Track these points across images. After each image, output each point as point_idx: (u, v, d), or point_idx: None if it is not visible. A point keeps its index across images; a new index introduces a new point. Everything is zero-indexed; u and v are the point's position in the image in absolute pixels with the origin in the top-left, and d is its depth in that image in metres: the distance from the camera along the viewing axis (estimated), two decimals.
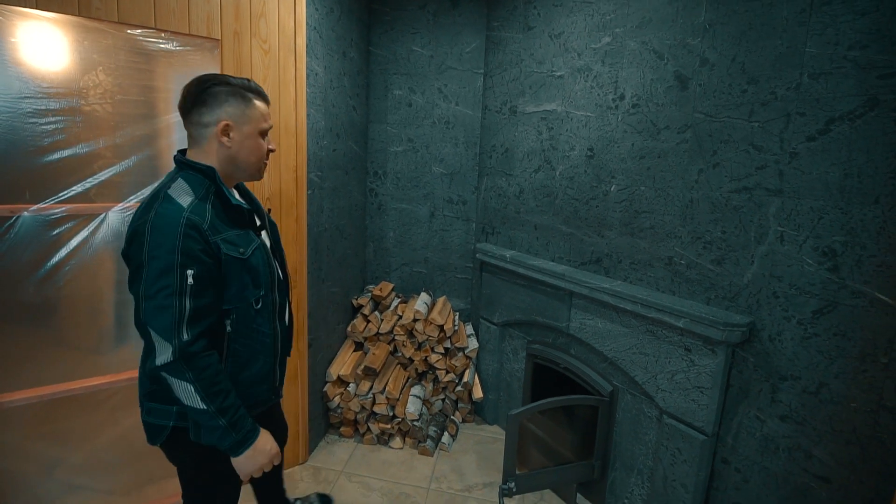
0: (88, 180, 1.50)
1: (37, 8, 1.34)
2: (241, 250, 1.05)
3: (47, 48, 1.40)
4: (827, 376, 1.23)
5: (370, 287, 2.68)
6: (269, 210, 1.44)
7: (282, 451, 1.38)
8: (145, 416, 1.10)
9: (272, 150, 1.15)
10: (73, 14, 1.39)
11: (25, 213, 1.43)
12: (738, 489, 1.46)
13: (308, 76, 1.85)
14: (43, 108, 1.40)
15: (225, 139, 1.05)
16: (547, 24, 2.01)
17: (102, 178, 1.52)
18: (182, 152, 1.09)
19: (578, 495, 1.98)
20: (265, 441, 1.08)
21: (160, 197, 1.00)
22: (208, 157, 1.07)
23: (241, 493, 1.27)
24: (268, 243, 1.19)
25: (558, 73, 1.97)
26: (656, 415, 1.67)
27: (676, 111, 1.54)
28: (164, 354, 0.95)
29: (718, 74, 1.41)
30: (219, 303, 1.03)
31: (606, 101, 1.77)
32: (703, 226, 1.49)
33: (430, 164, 2.54)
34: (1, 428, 1.51)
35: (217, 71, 1.64)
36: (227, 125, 1.04)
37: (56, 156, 1.44)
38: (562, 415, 2.14)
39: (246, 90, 1.06)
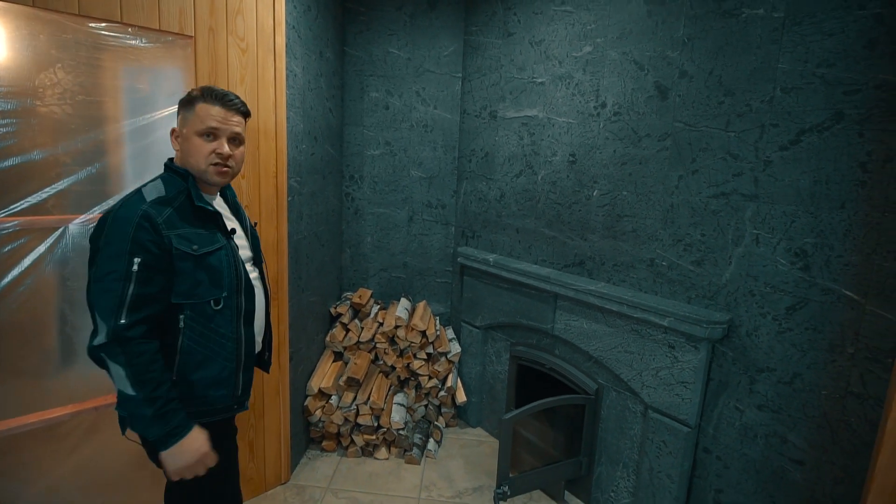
0: (45, 190, 1.35)
1: None
2: (195, 247, 1.07)
3: None
4: (800, 367, 1.34)
5: (348, 294, 2.61)
6: (256, 224, 1.39)
7: (236, 480, 1.34)
8: (117, 407, 1.09)
9: (224, 154, 1.11)
10: (26, 4, 1.25)
11: None
12: (720, 476, 1.55)
13: (287, 77, 1.77)
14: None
15: (174, 143, 1.15)
16: (527, 31, 2.05)
17: (61, 187, 1.37)
18: (171, 159, 1.16)
19: (566, 492, 2.03)
20: (195, 439, 1.06)
21: (134, 191, 1.08)
22: (178, 161, 1.16)
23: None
24: (247, 252, 1.25)
25: (539, 80, 2.00)
26: (641, 410, 1.75)
27: (657, 120, 1.61)
28: (101, 335, 0.98)
29: (697, 86, 1.49)
30: (166, 294, 1.05)
31: (588, 109, 1.83)
32: (683, 229, 1.58)
33: (408, 168, 2.51)
34: None
35: (190, 70, 1.54)
36: (173, 130, 1.15)
37: (7, 163, 1.28)
38: (548, 414, 2.18)
39: (195, 96, 1.11)
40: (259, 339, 1.31)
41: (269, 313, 1.34)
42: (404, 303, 2.53)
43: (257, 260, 1.31)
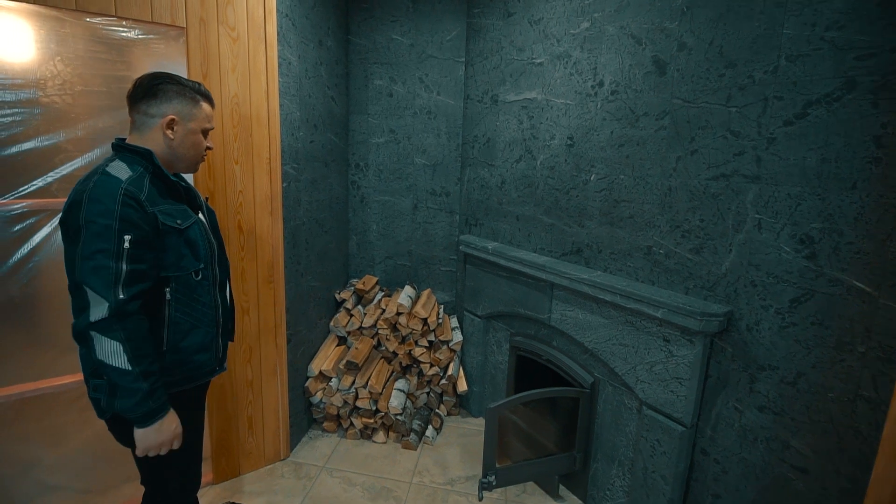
0: (50, 175, 1.46)
1: None
2: (178, 221, 1.12)
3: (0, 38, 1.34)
4: (804, 366, 1.21)
5: (354, 281, 2.65)
6: (207, 198, 1.47)
7: (200, 448, 1.38)
8: (92, 393, 1.13)
9: (209, 149, 1.26)
10: (27, 2, 1.33)
11: None
12: (717, 480, 1.44)
13: (280, 65, 1.80)
14: None
15: (169, 132, 1.15)
16: (526, 10, 1.96)
17: (64, 172, 1.47)
18: (121, 140, 1.15)
19: (561, 486, 1.97)
20: (172, 420, 1.12)
21: (98, 172, 1.06)
22: (147, 143, 1.15)
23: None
24: (206, 224, 1.29)
25: (538, 61, 1.92)
26: (636, 406, 1.66)
27: (655, 97, 1.50)
28: (98, 311, 0.99)
29: (696, 59, 1.38)
30: (155, 270, 1.09)
31: (585, 88, 1.73)
32: (681, 214, 1.47)
33: (412, 156, 2.50)
34: None
35: (182, 60, 1.59)
36: (173, 119, 1.14)
37: (14, 149, 1.39)
38: (544, 406, 2.12)
39: (195, 92, 1.18)
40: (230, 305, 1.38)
41: (230, 284, 1.40)
42: (408, 290, 2.53)
43: (215, 234, 1.35)
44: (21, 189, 1.42)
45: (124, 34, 1.49)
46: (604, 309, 1.69)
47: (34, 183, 1.44)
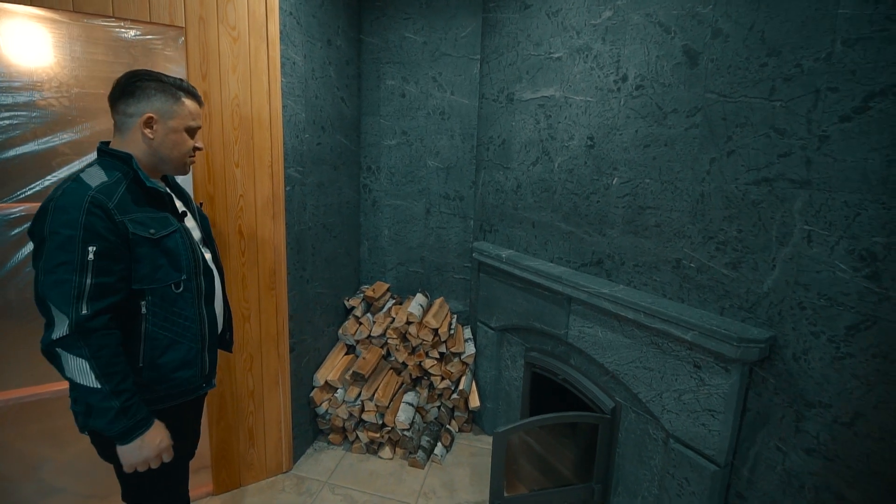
0: (48, 178, 1.44)
1: None
2: (152, 231, 1.05)
3: None
4: (864, 406, 1.02)
5: (364, 287, 2.57)
6: (201, 204, 1.41)
7: (187, 462, 1.32)
8: (72, 406, 1.07)
9: (199, 148, 1.19)
10: (23, 3, 1.31)
11: None
12: None
13: (284, 65, 1.73)
14: None
15: (147, 131, 1.08)
16: (544, 1, 1.82)
17: (62, 175, 1.45)
18: (104, 143, 1.10)
19: None
20: (157, 434, 1.05)
21: (71, 178, 1.01)
22: (128, 145, 1.09)
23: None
24: (197, 234, 1.24)
25: (556, 55, 1.78)
26: (662, 437, 1.48)
27: (685, 92, 1.33)
28: (60, 328, 0.94)
29: (733, 47, 1.20)
30: (125, 283, 1.02)
31: (608, 84, 1.58)
32: (715, 224, 1.29)
33: (424, 158, 2.39)
34: None
35: (182, 61, 1.55)
36: (151, 118, 1.08)
37: (12, 153, 1.37)
38: (562, 428, 1.96)
39: (176, 88, 1.11)
40: (220, 319, 1.31)
41: (225, 293, 1.35)
42: (420, 298, 2.42)
43: (209, 241, 1.30)
44: (19, 192, 1.40)
45: (122, 35, 1.46)
46: (626, 327, 1.53)
47: (32, 186, 1.42)
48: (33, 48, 1.36)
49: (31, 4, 1.32)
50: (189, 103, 1.13)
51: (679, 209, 1.39)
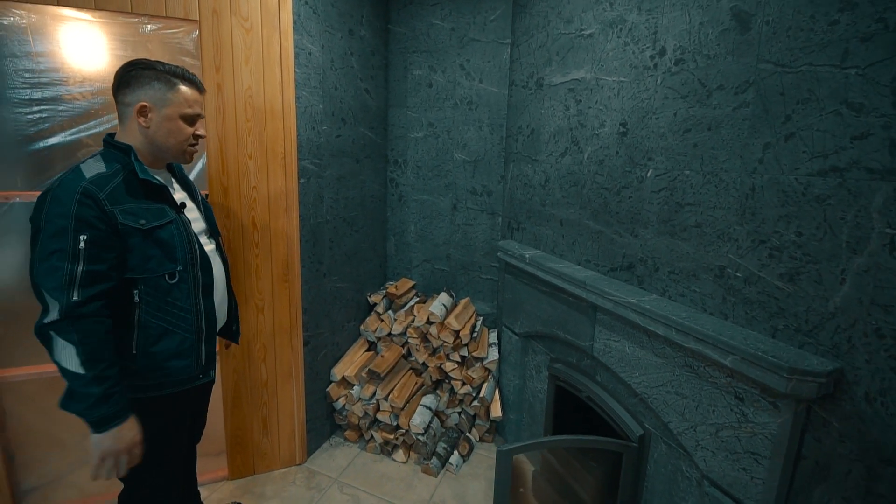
0: None
1: (17, 0, 1.35)
2: (142, 221, 1.05)
3: (29, 40, 1.41)
4: None
5: (389, 284, 2.51)
6: (206, 195, 1.41)
7: (195, 447, 1.39)
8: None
9: (201, 136, 1.17)
10: (50, 3, 1.38)
11: (17, 200, 1.47)
12: None
13: (298, 55, 1.70)
14: (27, 97, 1.42)
15: (142, 120, 1.09)
16: None
17: None
18: (112, 135, 1.13)
19: None
20: (132, 427, 1.05)
21: (72, 169, 1.05)
22: (128, 136, 1.12)
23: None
24: (201, 225, 1.25)
25: (587, 32, 1.58)
26: (697, 477, 1.25)
27: (734, 63, 1.10)
28: (52, 313, 0.96)
29: (794, 3, 0.96)
30: (117, 271, 1.04)
31: (643, 60, 1.36)
32: (768, 224, 1.05)
33: (451, 151, 2.27)
34: (9, 402, 1.59)
35: (196, 54, 1.56)
36: (144, 106, 1.08)
37: (41, 144, 1.45)
38: (588, 455, 1.76)
39: (171, 75, 1.10)
40: (223, 311, 1.32)
41: (230, 284, 1.34)
42: (443, 298, 2.31)
43: (213, 232, 1.30)
44: (48, 182, 1.48)
45: (141, 30, 1.49)
46: (656, 344, 1.31)
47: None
48: (59, 46, 1.43)
49: (58, 4, 1.39)
50: (185, 90, 1.12)
51: (724, 206, 1.15)
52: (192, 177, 1.61)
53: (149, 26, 1.50)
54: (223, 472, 1.93)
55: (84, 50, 1.45)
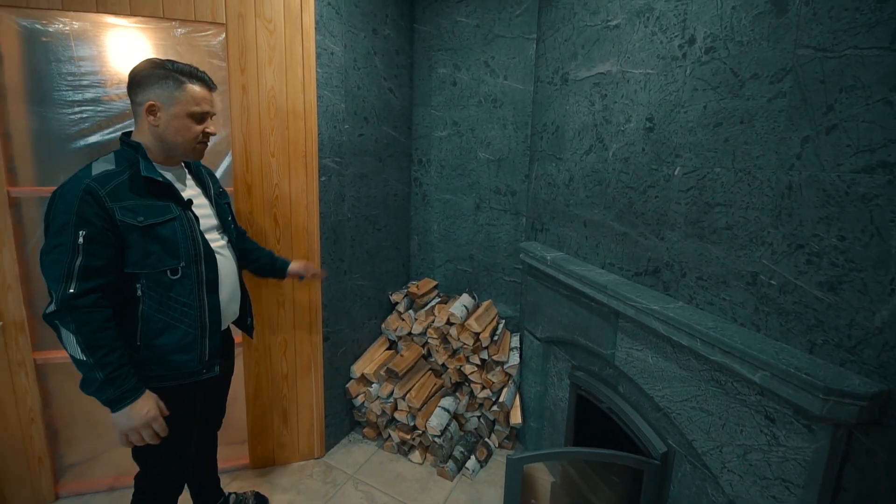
0: None
1: (62, 9, 1.45)
2: (140, 218, 1.08)
3: (71, 45, 1.51)
4: None
5: (412, 283, 2.50)
6: (223, 191, 1.41)
7: (215, 434, 1.48)
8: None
9: (211, 133, 1.19)
10: (91, 11, 1.47)
11: None
12: None
13: (320, 55, 1.72)
14: (69, 99, 1.52)
15: (151, 118, 1.12)
16: None
17: None
18: (127, 133, 1.17)
19: None
20: (145, 404, 1.09)
21: (84, 167, 1.09)
22: (140, 134, 1.16)
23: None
24: (212, 221, 1.28)
25: (613, 23, 1.50)
26: (723, 502, 1.15)
27: (769, 49, 1.00)
28: (52, 303, 1.02)
29: None
30: (114, 266, 1.07)
31: (671, 51, 1.27)
32: (807, 226, 0.95)
33: (475, 150, 2.24)
34: (55, 382, 1.71)
35: (223, 55, 1.61)
36: (153, 105, 1.11)
37: (81, 143, 1.55)
38: (610, 469, 1.67)
39: (179, 73, 1.12)
40: (234, 306, 1.34)
41: (242, 280, 1.37)
42: (465, 299, 2.28)
43: (226, 228, 1.32)
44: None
45: (171, 33, 1.56)
46: (681, 356, 1.22)
47: None
48: (98, 50, 1.52)
49: (97, 11, 1.48)
50: (193, 88, 1.13)
51: (757, 206, 1.05)
52: (217, 174, 1.67)
53: (179, 30, 1.56)
54: (244, 461, 1.99)
55: (121, 53, 1.53)
